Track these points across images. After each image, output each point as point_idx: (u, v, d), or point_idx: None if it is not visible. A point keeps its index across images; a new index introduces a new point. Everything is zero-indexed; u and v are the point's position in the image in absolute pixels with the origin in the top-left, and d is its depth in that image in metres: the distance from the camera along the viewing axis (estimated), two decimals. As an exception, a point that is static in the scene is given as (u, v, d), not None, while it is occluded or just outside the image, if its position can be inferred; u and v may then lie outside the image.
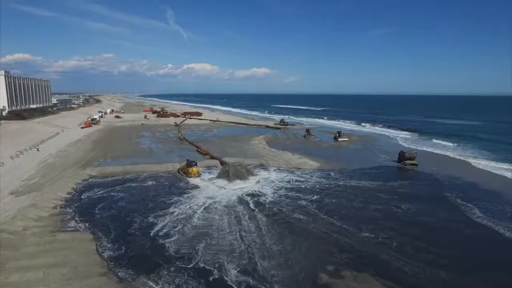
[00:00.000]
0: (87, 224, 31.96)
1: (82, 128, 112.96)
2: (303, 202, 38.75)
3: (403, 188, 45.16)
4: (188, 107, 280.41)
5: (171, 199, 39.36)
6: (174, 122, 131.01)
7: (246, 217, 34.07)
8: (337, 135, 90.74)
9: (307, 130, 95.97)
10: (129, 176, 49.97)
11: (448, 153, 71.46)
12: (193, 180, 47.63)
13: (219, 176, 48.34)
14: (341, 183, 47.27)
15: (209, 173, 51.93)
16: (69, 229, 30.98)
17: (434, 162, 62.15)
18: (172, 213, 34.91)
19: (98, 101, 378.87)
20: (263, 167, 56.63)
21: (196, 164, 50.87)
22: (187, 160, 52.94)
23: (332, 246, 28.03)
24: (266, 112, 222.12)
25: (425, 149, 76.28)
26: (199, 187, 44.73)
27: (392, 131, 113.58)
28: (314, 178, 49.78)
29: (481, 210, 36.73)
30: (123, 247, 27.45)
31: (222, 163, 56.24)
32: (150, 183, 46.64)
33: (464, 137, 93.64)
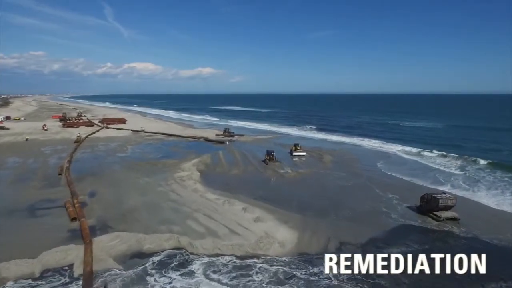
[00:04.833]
0: None
1: None
2: None
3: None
4: (117, 110, 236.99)
5: None
6: (77, 136, 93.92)
7: None
8: (293, 148, 71.76)
9: (269, 154, 63.35)
10: None
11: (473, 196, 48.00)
12: None
13: None
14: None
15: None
16: None
17: (471, 211, 37.93)
18: None
19: (6, 104, 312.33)
20: (183, 261, 26.32)
21: None
22: None
23: None
24: (209, 115, 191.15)
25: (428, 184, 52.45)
26: None
27: (366, 142, 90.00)
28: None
29: None
30: None
31: (86, 257, 24.78)
32: None
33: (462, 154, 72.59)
